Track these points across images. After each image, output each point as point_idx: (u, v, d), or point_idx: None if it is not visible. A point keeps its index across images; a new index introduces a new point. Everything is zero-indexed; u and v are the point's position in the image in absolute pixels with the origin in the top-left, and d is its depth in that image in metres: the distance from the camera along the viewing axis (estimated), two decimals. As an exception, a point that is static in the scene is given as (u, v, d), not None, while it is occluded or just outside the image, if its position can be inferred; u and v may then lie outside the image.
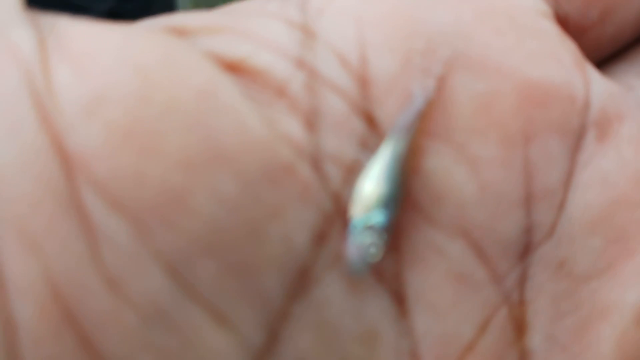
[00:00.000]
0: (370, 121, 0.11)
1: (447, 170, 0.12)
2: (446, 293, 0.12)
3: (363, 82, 0.11)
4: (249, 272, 0.11)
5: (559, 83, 0.12)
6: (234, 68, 0.11)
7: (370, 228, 0.11)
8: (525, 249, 0.12)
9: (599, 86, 0.12)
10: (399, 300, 0.12)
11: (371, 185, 0.11)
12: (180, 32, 0.11)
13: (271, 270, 0.11)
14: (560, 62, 0.12)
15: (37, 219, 0.09)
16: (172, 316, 0.10)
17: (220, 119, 0.10)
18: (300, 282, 0.11)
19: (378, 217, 0.11)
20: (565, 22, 0.13)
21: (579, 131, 0.12)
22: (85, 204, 0.10)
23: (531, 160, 0.12)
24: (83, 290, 0.10)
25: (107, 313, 0.10)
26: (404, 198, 0.12)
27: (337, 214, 0.11)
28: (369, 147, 0.11)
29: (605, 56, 0.14)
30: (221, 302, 0.11)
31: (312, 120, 0.11)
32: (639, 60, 0.14)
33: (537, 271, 0.12)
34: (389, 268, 0.12)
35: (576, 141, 0.12)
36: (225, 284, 0.11)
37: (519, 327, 0.12)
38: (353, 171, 0.11)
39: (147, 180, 0.10)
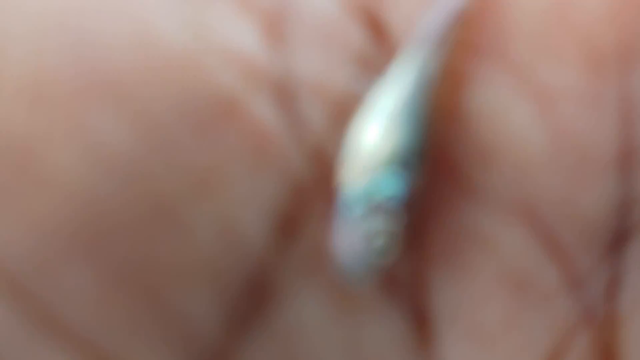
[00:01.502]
0: (376, 28, 0.10)
1: (503, 111, 0.10)
2: (497, 309, 0.10)
3: None
4: (157, 288, 0.09)
5: None
6: None
7: (378, 206, 0.09)
8: (621, 238, 0.10)
9: None
10: (421, 322, 0.10)
11: (377, 133, 0.09)
12: None
13: (197, 285, 0.09)
14: None
15: None
16: None
17: (109, 23, 0.09)
18: (253, 301, 0.09)
19: (391, 187, 0.09)
20: None
21: None
22: None
23: (632, 96, 0.10)
24: None
25: None
26: (432, 157, 0.09)
27: (317, 183, 0.09)
28: (372, 69, 0.09)
29: None
30: (105, 343, 0.09)
31: (277, 26, 0.09)
32: None
33: (636, 273, 0.10)
34: (407, 272, 0.10)
35: None
36: (113, 311, 0.09)
37: (609, 356, 0.10)
38: (346, 109, 0.09)
39: None
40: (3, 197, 0.09)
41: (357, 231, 0.09)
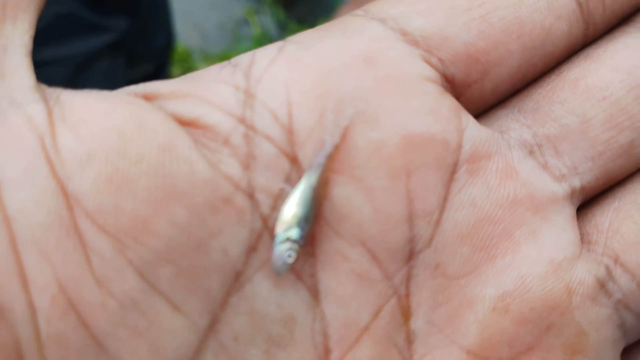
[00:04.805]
0: (294, 161, 0.14)
1: (349, 196, 0.14)
2: (349, 287, 0.14)
3: (289, 132, 0.14)
4: (196, 274, 0.13)
5: (435, 132, 0.15)
6: (191, 124, 0.14)
7: (288, 240, 0.14)
8: (410, 255, 0.14)
9: (472, 131, 0.15)
10: (314, 293, 0.14)
11: (291, 208, 0.14)
12: (152, 97, 0.14)
13: (213, 273, 0.13)
14: (438, 115, 0.15)
15: (48, 239, 0.12)
16: (141, 304, 0.13)
17: (176, 165, 0.13)
18: (236, 281, 0.14)
19: (294, 232, 0.14)
20: (452, 81, 0.16)
21: (452, 167, 0.15)
22: (80, 228, 0.12)
23: (412, 189, 0.14)
24: (80, 286, 0.12)
25: (97, 302, 0.12)
26: (317, 217, 0.14)
27: (265, 231, 0.14)
28: (292, 180, 0.14)
29: (491, 104, 0.17)
30: (176, 295, 0.13)
31: (247, 162, 0.14)
32: (515, 107, 0.17)
33: (419, 271, 0.15)
34: (307, 269, 0.14)
35: (450, 174, 0.15)
36: (179, 282, 0.13)
37: (405, 313, 0.14)
38: (279, 199, 0.14)
39: (123, 212, 0.13)
40: (137, 239, 0.12)
41: (279, 251, 0.13)
